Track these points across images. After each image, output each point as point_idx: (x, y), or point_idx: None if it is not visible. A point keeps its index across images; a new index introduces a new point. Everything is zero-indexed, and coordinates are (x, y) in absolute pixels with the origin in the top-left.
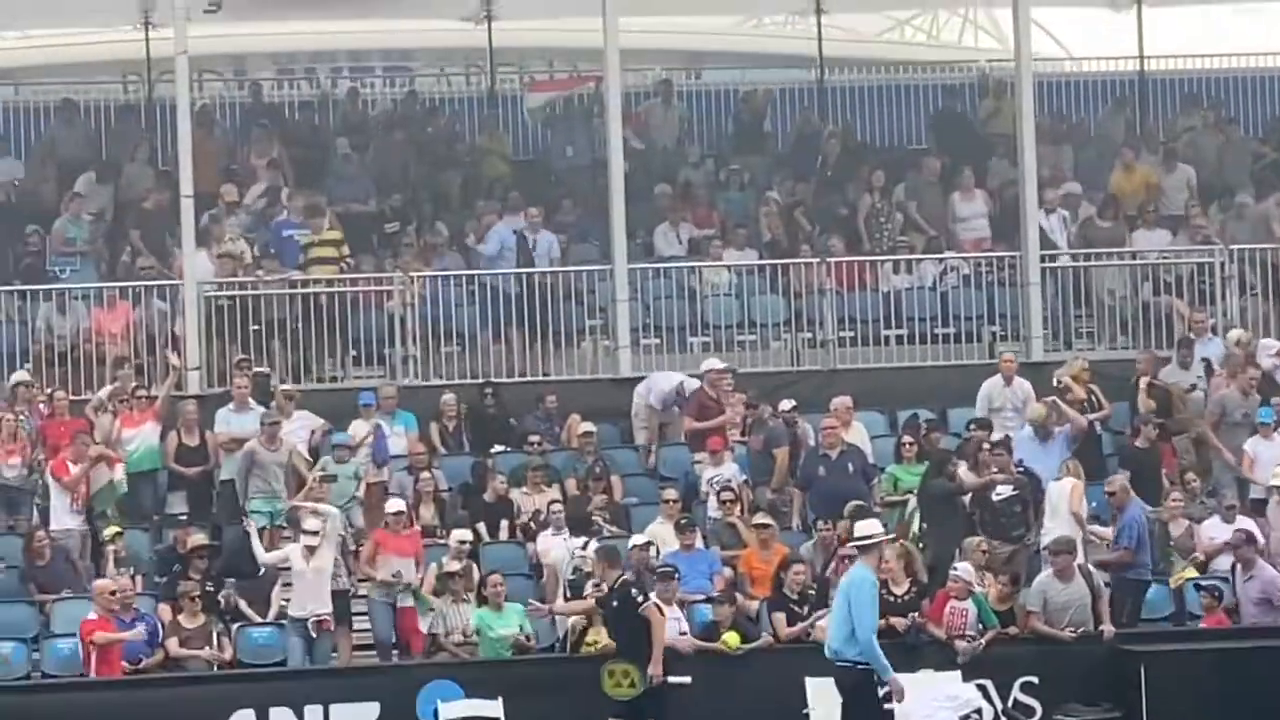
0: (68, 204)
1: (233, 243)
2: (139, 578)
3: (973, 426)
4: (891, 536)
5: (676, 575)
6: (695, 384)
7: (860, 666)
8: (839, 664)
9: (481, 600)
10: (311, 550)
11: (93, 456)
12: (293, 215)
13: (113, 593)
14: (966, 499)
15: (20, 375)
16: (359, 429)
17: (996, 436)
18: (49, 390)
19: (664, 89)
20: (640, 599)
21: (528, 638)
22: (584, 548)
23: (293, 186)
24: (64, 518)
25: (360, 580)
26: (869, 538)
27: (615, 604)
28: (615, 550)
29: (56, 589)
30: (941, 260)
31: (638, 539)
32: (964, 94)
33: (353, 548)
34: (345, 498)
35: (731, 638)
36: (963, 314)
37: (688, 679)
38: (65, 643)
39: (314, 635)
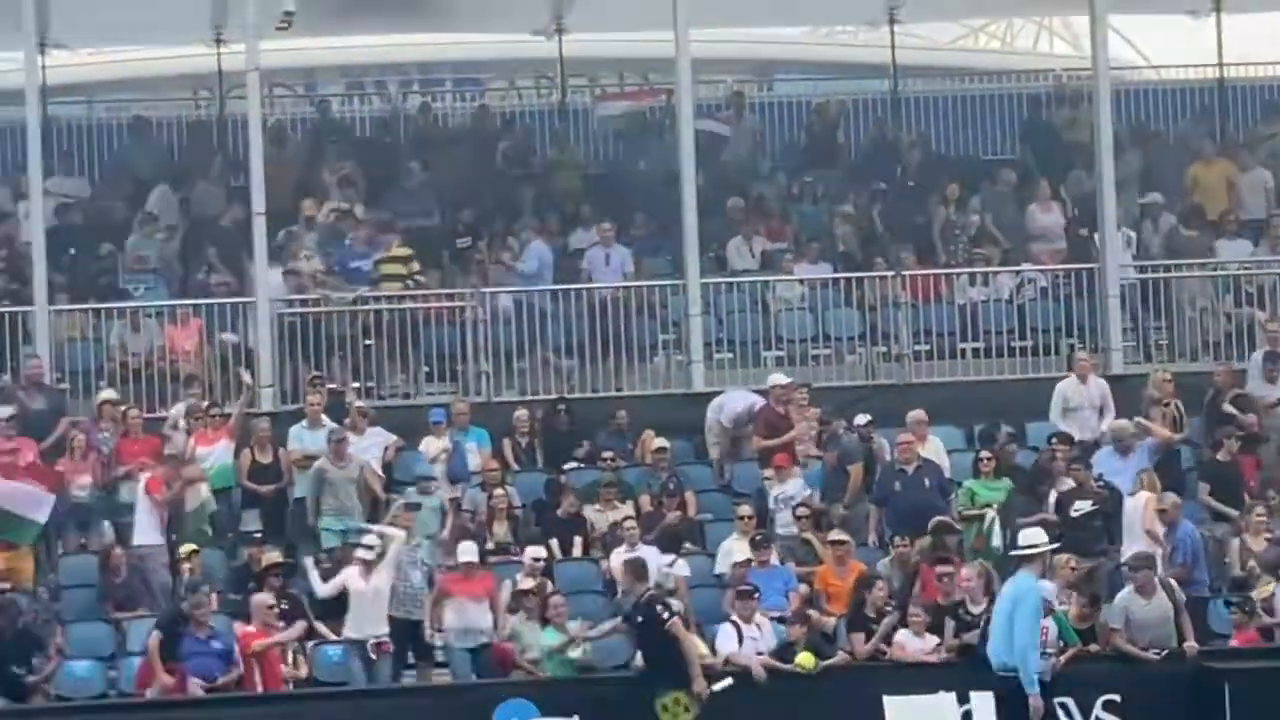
0: (141, 222)
1: (307, 260)
2: (214, 596)
3: (1054, 440)
4: (1054, 546)
5: (756, 594)
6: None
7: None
8: (1003, 674)
9: (545, 620)
10: (369, 569)
11: (190, 476)
12: (362, 231)
13: (269, 606)
14: (1053, 515)
15: (107, 393)
16: (431, 446)
17: (1075, 436)
18: (122, 408)
19: (735, 101)
20: (665, 615)
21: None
22: (670, 565)
23: (363, 202)
24: (150, 534)
25: (436, 630)
26: (1033, 546)
27: (640, 620)
28: (642, 563)
29: (132, 607)
30: (1018, 272)
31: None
32: (1040, 103)
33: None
34: (429, 529)
35: (807, 658)
36: (1040, 326)
37: (729, 680)
38: (141, 661)
39: (373, 657)
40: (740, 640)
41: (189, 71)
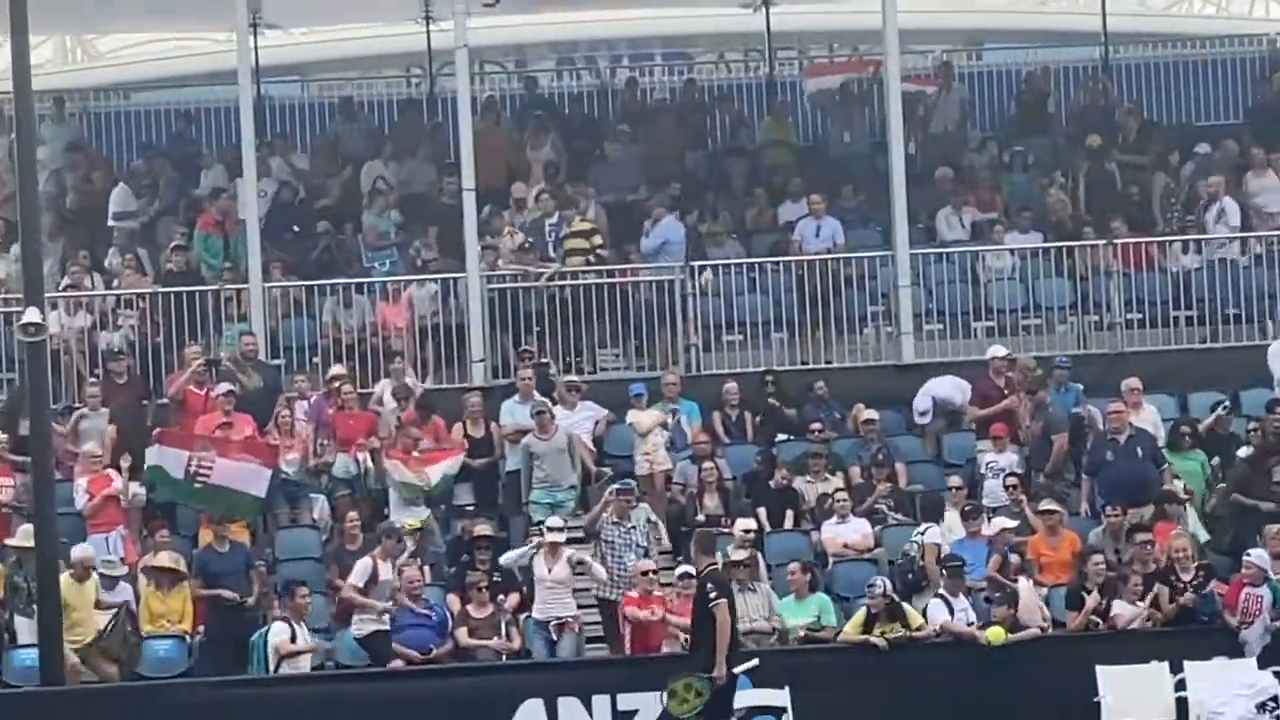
0: (372, 199)
1: (510, 236)
2: (428, 568)
3: (1278, 409)
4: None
5: (965, 568)
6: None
7: None
8: None
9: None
10: (555, 553)
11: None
12: (558, 207)
13: (644, 573)
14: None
15: (336, 369)
16: (642, 420)
17: None
18: (337, 384)
19: (944, 70)
20: (713, 595)
21: (823, 628)
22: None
23: (565, 179)
24: (399, 512)
25: None
26: None
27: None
28: (710, 536)
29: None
30: (1233, 239)
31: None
32: (1258, 68)
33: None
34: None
35: (996, 633)
36: (1255, 294)
37: (755, 661)
38: (356, 633)
39: (555, 638)
40: (951, 612)
41: (399, 50)
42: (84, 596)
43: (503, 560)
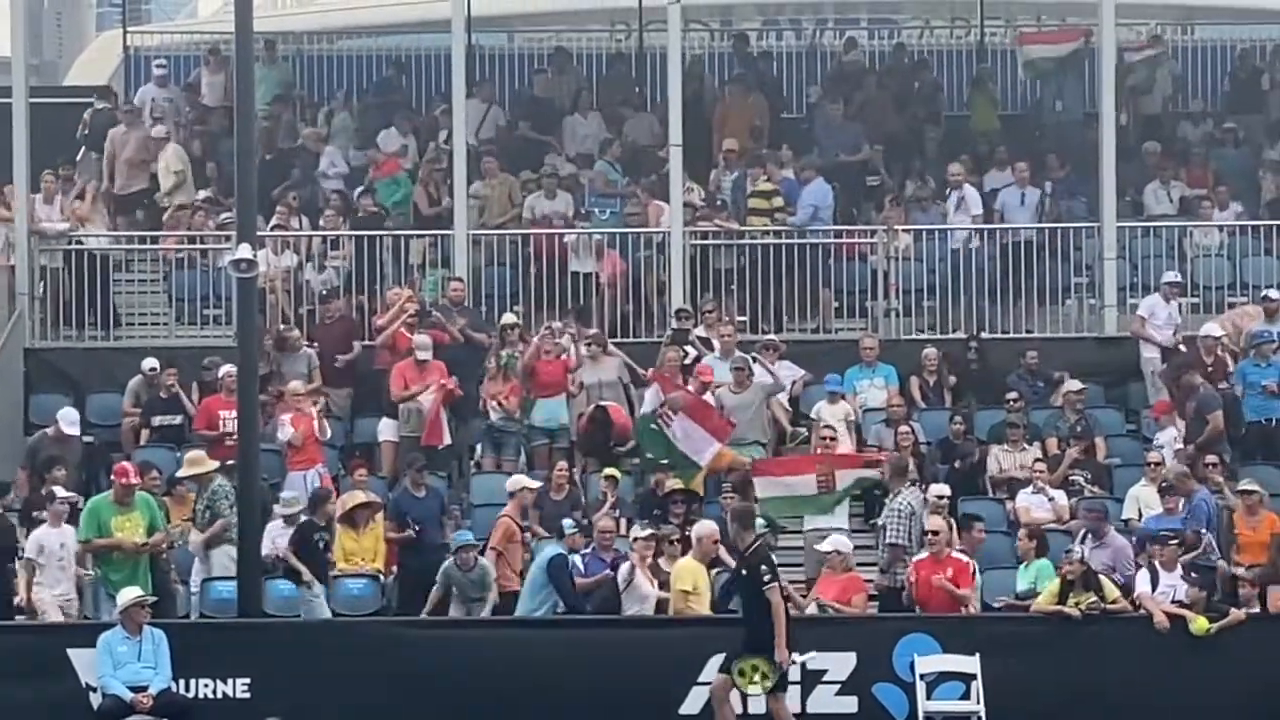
0: (605, 148)
1: (688, 193)
2: (623, 520)
3: None
4: None
5: (1174, 541)
6: None
7: None
8: None
9: None
10: None
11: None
12: (745, 166)
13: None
14: None
15: (508, 317)
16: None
17: None
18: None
19: (1155, 44)
20: (767, 578)
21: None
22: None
23: (769, 142)
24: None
25: None
26: None
27: (744, 573)
28: (750, 511)
29: (552, 529)
30: None
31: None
32: None
33: None
34: None
35: (1201, 623)
36: None
37: (813, 654)
38: None
39: None
40: (1154, 585)
41: (607, 5)
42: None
43: None
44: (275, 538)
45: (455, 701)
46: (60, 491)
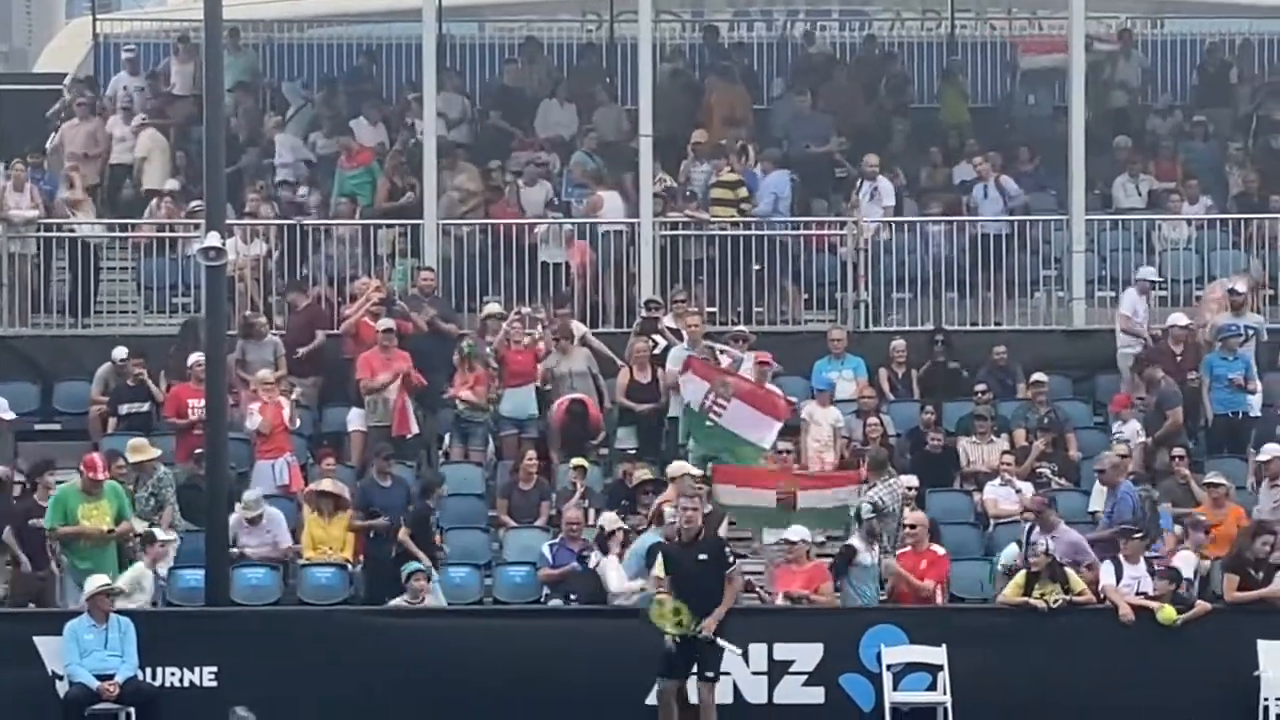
0: (583, 136)
1: (660, 184)
2: (591, 511)
3: None
4: None
5: (1140, 535)
6: None
7: None
8: None
9: None
10: None
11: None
12: (710, 157)
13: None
14: None
15: (492, 307)
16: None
17: None
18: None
19: (1124, 37)
20: (731, 560)
21: None
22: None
23: (740, 132)
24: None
25: None
26: None
27: (703, 557)
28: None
29: (521, 519)
30: None
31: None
32: None
33: None
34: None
35: (1168, 612)
36: None
37: (738, 650)
38: (517, 570)
39: None
40: (1118, 578)
41: None
42: None
43: None
44: (235, 532)
45: (423, 691)
46: None
